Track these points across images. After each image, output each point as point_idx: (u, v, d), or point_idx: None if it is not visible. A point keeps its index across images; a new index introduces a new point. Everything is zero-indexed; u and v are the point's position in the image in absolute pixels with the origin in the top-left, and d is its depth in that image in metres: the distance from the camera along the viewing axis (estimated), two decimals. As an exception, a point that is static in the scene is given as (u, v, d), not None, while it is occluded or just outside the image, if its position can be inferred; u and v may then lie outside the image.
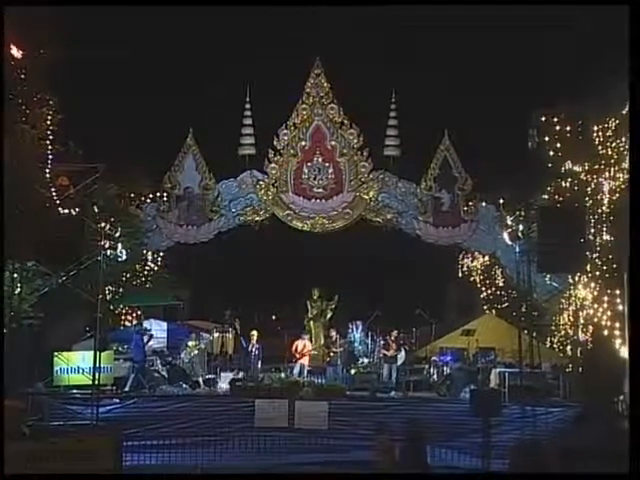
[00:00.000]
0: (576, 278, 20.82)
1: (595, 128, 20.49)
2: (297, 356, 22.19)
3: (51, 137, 20.58)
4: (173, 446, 18.68)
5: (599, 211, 20.24)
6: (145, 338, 21.40)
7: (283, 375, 21.41)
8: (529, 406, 18.37)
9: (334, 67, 23.76)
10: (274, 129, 23.37)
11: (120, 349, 21.85)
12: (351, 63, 26.27)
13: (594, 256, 20.00)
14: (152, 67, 27.29)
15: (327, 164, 23.32)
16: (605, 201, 20.23)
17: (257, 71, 25.30)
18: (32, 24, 19.18)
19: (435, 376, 21.87)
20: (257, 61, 26.63)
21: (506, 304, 25.70)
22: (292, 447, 18.79)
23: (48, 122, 20.49)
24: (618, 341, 19.05)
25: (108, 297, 21.91)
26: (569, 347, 21.84)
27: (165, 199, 23.22)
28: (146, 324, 22.68)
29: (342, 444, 18.84)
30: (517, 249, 19.90)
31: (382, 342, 22.20)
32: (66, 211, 20.01)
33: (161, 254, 24.53)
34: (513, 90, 25.51)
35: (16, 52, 19.40)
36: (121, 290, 23.35)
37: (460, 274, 27.93)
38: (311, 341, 23.36)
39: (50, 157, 20.61)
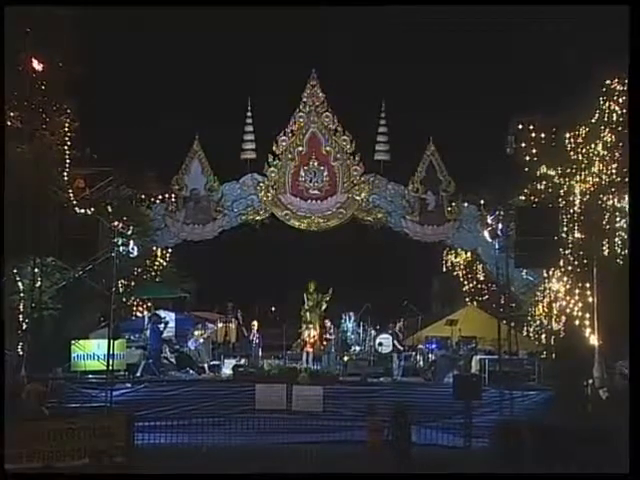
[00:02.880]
0: (550, 272, 21.00)
1: (567, 135, 20.73)
2: (302, 343, 22.48)
3: (69, 143, 20.74)
4: (180, 427, 18.79)
5: (571, 211, 20.48)
6: (161, 326, 21.57)
7: (281, 362, 21.67)
8: (507, 390, 18.65)
9: (329, 78, 23.97)
10: (273, 135, 23.55)
11: (132, 338, 21.97)
12: (344, 74, 26.48)
13: (566, 252, 20.22)
14: (161, 79, 27.52)
15: (322, 168, 23.46)
16: (576, 202, 20.48)
17: (257, 82, 25.49)
18: (51, 39, 19.43)
19: (421, 362, 22.07)
20: (257, 73, 26.85)
21: (486, 296, 25.89)
22: (290, 428, 18.90)
23: (66, 129, 20.65)
24: (588, 330, 19.37)
25: (121, 290, 21.98)
26: (544, 336, 21.98)
27: (173, 200, 23.28)
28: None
29: (336, 425, 19.05)
30: (497, 246, 20.18)
31: (380, 334, 22.20)
32: (82, 211, 20.20)
33: (169, 250, 24.67)
34: (493, 99, 25.67)
35: (37, 65, 19.61)
36: (133, 283, 23.52)
37: (444, 269, 28.12)
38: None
39: (68, 161, 20.77)
